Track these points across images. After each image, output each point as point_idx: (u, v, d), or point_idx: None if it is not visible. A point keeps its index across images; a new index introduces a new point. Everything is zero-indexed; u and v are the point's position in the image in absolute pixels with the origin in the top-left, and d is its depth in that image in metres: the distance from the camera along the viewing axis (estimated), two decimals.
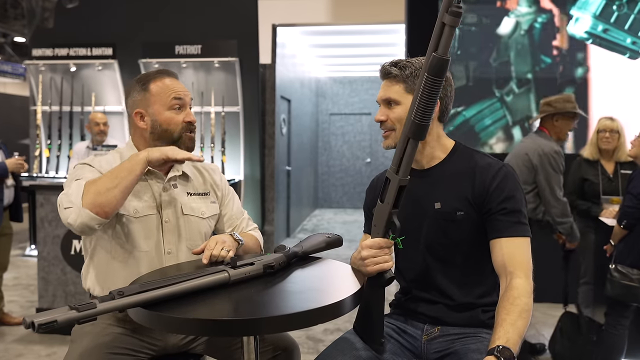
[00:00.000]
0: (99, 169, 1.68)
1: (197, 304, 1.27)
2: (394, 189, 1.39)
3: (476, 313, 1.56)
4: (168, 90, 1.74)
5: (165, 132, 1.73)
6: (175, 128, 1.74)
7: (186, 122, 1.75)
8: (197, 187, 1.85)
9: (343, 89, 11.29)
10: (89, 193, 1.51)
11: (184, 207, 1.78)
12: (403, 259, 1.63)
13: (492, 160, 1.60)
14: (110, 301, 1.18)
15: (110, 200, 1.52)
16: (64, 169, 6.31)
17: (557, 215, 3.20)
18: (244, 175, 6.31)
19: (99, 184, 1.53)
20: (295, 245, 1.70)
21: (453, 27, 1.25)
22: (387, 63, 1.63)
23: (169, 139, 1.73)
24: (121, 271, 1.69)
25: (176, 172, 1.80)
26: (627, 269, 2.85)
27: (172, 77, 1.79)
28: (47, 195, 3.83)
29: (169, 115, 1.73)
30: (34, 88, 6.53)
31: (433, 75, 1.28)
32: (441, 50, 1.26)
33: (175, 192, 1.77)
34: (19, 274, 5.65)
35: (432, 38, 1.28)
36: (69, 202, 1.53)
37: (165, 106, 1.73)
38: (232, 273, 1.39)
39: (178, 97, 1.74)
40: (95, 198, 1.50)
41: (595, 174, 3.55)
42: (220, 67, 6.14)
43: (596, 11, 4.48)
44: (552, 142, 3.26)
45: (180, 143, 1.74)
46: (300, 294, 1.40)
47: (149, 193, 1.74)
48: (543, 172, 3.20)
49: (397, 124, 1.58)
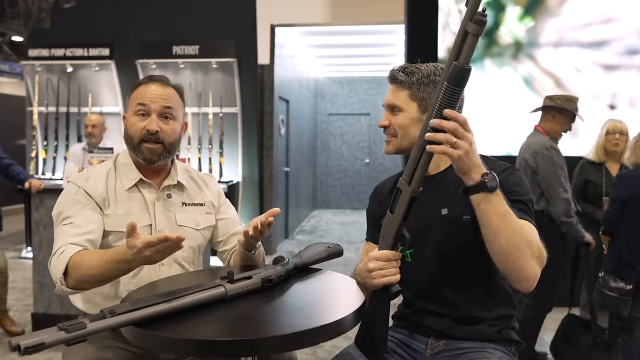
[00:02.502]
0: (92, 193, 1.62)
1: (193, 322, 1.22)
2: (405, 201, 1.34)
3: (483, 327, 1.51)
4: (138, 95, 1.69)
5: (128, 138, 1.69)
6: (134, 134, 1.67)
7: (145, 130, 1.66)
8: (192, 197, 1.80)
9: (342, 89, 11.24)
10: (73, 277, 1.43)
11: (178, 217, 1.72)
12: (407, 269, 1.58)
13: (499, 163, 1.57)
14: (101, 320, 1.13)
15: (93, 285, 1.48)
16: (61, 170, 6.25)
17: (561, 213, 3.12)
18: (242, 176, 6.26)
19: (85, 270, 1.42)
20: (294, 256, 1.65)
21: (477, 36, 1.20)
22: (395, 67, 1.58)
23: (130, 145, 1.69)
24: (114, 285, 1.64)
25: (170, 181, 1.75)
26: (612, 278, 2.80)
27: (156, 83, 1.70)
28: (42, 199, 3.77)
29: (132, 121, 1.68)
30: (30, 88, 6.47)
31: (453, 84, 1.23)
32: (463, 60, 1.21)
33: (169, 202, 1.72)
34: (15, 276, 5.58)
35: (453, 46, 1.23)
36: (53, 274, 1.47)
37: (132, 111, 1.68)
38: (229, 288, 1.34)
39: (142, 103, 1.66)
40: (78, 284, 1.45)
41: (599, 176, 3.50)
42: (218, 67, 6.09)
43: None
44: (545, 139, 3.20)
45: (138, 152, 1.68)
46: (301, 310, 1.34)
47: (141, 204, 1.69)
48: (540, 171, 3.16)
49: (399, 130, 1.55)
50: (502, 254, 1.31)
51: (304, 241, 7.81)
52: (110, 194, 1.66)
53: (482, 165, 1.29)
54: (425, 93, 1.53)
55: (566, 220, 3.13)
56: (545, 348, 3.68)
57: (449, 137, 1.24)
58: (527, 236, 1.31)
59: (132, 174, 1.71)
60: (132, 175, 1.71)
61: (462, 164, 1.27)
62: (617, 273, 2.79)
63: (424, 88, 1.53)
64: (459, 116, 1.25)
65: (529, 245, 1.30)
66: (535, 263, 1.31)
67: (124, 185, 1.68)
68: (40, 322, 3.75)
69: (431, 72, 1.54)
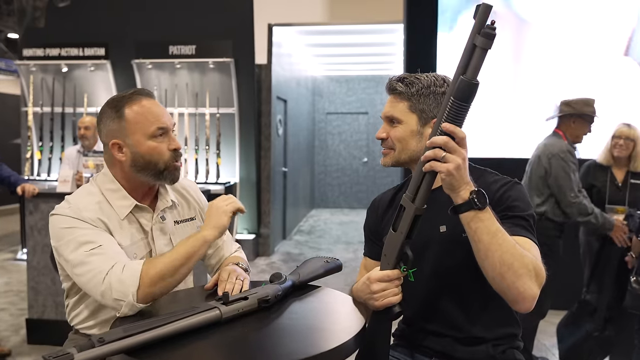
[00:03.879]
0: (93, 224, 1.50)
1: (186, 349, 1.17)
2: (409, 218, 1.29)
3: (486, 347, 1.47)
4: (150, 117, 1.54)
5: (149, 164, 1.55)
6: (159, 159, 1.55)
7: (171, 150, 1.58)
8: (183, 213, 1.73)
9: (340, 88, 11.19)
10: (146, 285, 1.39)
11: (173, 238, 1.66)
12: (406, 288, 1.53)
13: (500, 177, 1.52)
14: (89, 350, 1.08)
15: (167, 289, 1.45)
16: (56, 171, 6.18)
17: (575, 215, 3.19)
18: (240, 177, 6.21)
19: (159, 274, 1.40)
20: (292, 273, 1.60)
21: (485, 50, 1.15)
22: (394, 78, 1.53)
23: (154, 170, 1.56)
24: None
25: (165, 203, 1.67)
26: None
27: (149, 98, 1.58)
28: (37, 203, 3.71)
29: (152, 145, 1.54)
30: (25, 89, 6.41)
31: (460, 100, 1.18)
32: (470, 74, 1.17)
33: (164, 224, 1.65)
34: (10, 279, 5.54)
35: (460, 59, 1.19)
36: (121, 293, 1.38)
37: (146, 136, 1.54)
38: (224, 310, 1.29)
39: (162, 127, 1.56)
40: (154, 291, 1.40)
41: (604, 180, 3.42)
42: (215, 67, 6.04)
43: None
44: (563, 143, 3.22)
45: (166, 174, 1.58)
46: (299, 334, 1.29)
47: (139, 230, 1.60)
48: (553, 175, 3.20)
49: (397, 143, 1.50)
50: (496, 274, 1.26)
51: (301, 241, 7.76)
52: (112, 224, 1.55)
53: (471, 182, 1.25)
54: (425, 105, 1.48)
55: (584, 220, 3.17)
56: (545, 353, 3.65)
57: (437, 151, 1.20)
58: (521, 255, 1.25)
59: (123, 200, 1.58)
60: (124, 202, 1.59)
61: (452, 179, 1.22)
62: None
63: (424, 99, 1.48)
64: (457, 131, 1.20)
65: (524, 265, 1.24)
66: (532, 283, 1.25)
67: (119, 213, 1.57)
68: (35, 327, 3.70)
69: (431, 82, 1.49)
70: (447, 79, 1.50)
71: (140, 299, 1.37)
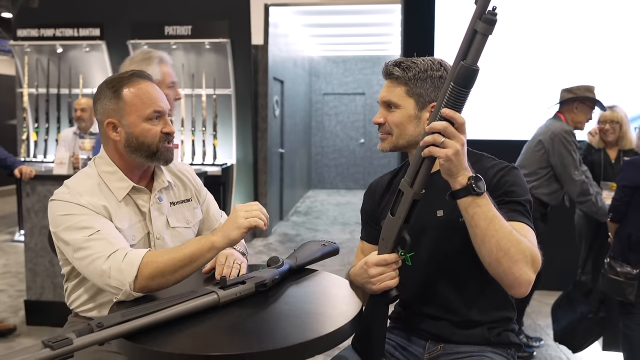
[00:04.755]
0: (93, 209, 1.50)
1: (184, 333, 1.18)
2: (407, 203, 1.30)
3: (482, 331, 1.48)
4: (146, 100, 1.56)
5: (142, 145, 1.56)
6: (152, 140, 1.57)
7: (164, 133, 1.59)
8: (179, 194, 1.74)
9: (337, 69, 11.13)
10: (144, 278, 1.38)
11: (170, 219, 1.67)
12: (404, 271, 1.54)
13: (497, 162, 1.52)
14: (88, 335, 1.09)
15: (164, 285, 1.42)
16: (52, 152, 6.17)
17: (575, 195, 3.22)
18: (237, 159, 6.20)
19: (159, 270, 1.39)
20: (289, 257, 1.60)
21: (486, 36, 1.15)
22: (390, 62, 1.52)
23: (147, 151, 1.57)
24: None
25: (162, 183, 1.67)
26: (618, 263, 2.80)
27: (147, 81, 1.60)
28: (34, 185, 3.71)
29: (146, 127, 1.56)
30: (19, 69, 6.36)
31: (460, 85, 1.18)
32: (470, 60, 1.17)
33: (160, 205, 1.65)
34: (8, 260, 5.55)
35: (461, 45, 1.18)
36: (118, 281, 1.38)
37: (142, 117, 1.55)
38: (221, 294, 1.30)
39: (158, 111, 1.57)
40: (150, 284, 1.39)
41: (598, 158, 3.52)
42: (211, 48, 5.99)
43: None
44: (565, 125, 3.25)
45: (159, 155, 1.59)
46: (296, 318, 1.30)
47: (136, 211, 1.61)
48: (556, 153, 3.24)
49: (395, 128, 1.50)
50: (492, 259, 1.27)
51: (298, 222, 7.79)
52: (112, 206, 1.55)
53: (469, 168, 1.26)
54: (422, 89, 1.47)
55: (583, 200, 3.20)
56: (540, 333, 3.69)
57: (436, 136, 1.20)
58: (518, 240, 1.26)
59: (121, 182, 1.60)
60: (122, 184, 1.60)
61: (450, 165, 1.22)
62: (624, 258, 2.80)
63: (421, 84, 1.47)
64: (457, 117, 1.20)
65: (520, 250, 1.26)
66: (528, 269, 1.27)
67: (117, 195, 1.58)
68: (33, 309, 3.72)
69: (428, 66, 1.48)
70: (444, 62, 1.50)
71: (137, 289, 1.38)
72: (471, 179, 1.24)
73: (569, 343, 3.21)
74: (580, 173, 3.19)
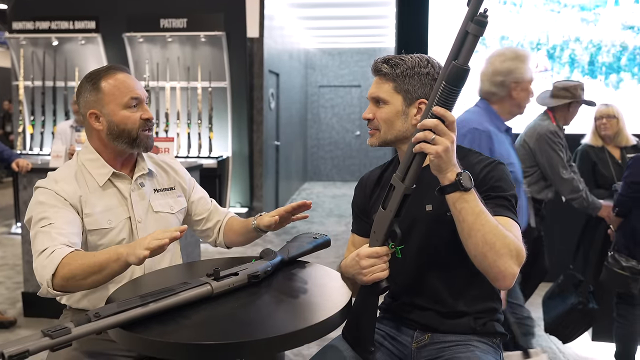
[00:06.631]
0: (65, 195, 1.59)
1: (179, 323, 1.22)
2: (398, 197, 1.34)
3: (468, 320, 1.52)
4: (123, 89, 1.66)
5: (122, 132, 1.67)
6: (132, 127, 1.67)
7: (143, 119, 1.69)
8: (162, 182, 1.83)
9: (332, 61, 11.14)
10: (60, 278, 1.42)
11: (153, 204, 1.75)
12: (394, 264, 1.59)
13: (484, 157, 1.55)
14: (86, 324, 1.13)
15: (79, 289, 1.48)
16: (48, 145, 6.19)
17: (566, 193, 3.22)
18: (232, 152, 6.24)
19: (71, 273, 1.41)
20: (281, 249, 1.65)
21: (477, 37, 1.19)
22: (379, 59, 1.56)
23: (127, 137, 1.67)
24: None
25: (142, 170, 1.77)
26: (622, 257, 2.85)
27: (124, 72, 1.70)
28: (30, 178, 3.74)
29: (125, 114, 1.66)
30: (15, 62, 6.36)
31: (451, 84, 1.22)
32: (462, 60, 1.21)
33: (142, 191, 1.74)
34: (5, 252, 5.58)
35: (452, 45, 1.22)
36: (40, 276, 1.45)
37: (120, 105, 1.66)
38: (214, 285, 1.33)
39: (135, 97, 1.67)
40: (66, 285, 1.43)
41: (605, 160, 3.50)
42: (206, 41, 6.01)
43: None
44: (551, 124, 3.24)
45: (137, 143, 1.69)
46: (288, 308, 1.34)
47: (118, 196, 1.70)
48: (543, 154, 3.21)
49: (383, 124, 1.54)
50: (478, 252, 1.32)
51: None
52: (85, 193, 1.64)
53: (458, 164, 1.30)
54: (410, 85, 1.51)
55: (574, 197, 3.20)
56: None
57: (427, 133, 1.24)
58: (503, 235, 1.31)
59: (102, 169, 1.70)
60: (103, 170, 1.69)
61: (440, 161, 1.26)
62: (630, 252, 2.85)
63: (408, 80, 1.51)
64: (447, 115, 1.24)
65: (505, 245, 1.30)
66: (512, 263, 1.31)
67: (98, 181, 1.68)
68: (31, 301, 3.76)
69: (415, 63, 1.52)
70: (432, 59, 1.53)
71: (56, 288, 1.44)
72: (459, 175, 1.28)
73: (559, 334, 3.25)
74: (568, 172, 3.19)
